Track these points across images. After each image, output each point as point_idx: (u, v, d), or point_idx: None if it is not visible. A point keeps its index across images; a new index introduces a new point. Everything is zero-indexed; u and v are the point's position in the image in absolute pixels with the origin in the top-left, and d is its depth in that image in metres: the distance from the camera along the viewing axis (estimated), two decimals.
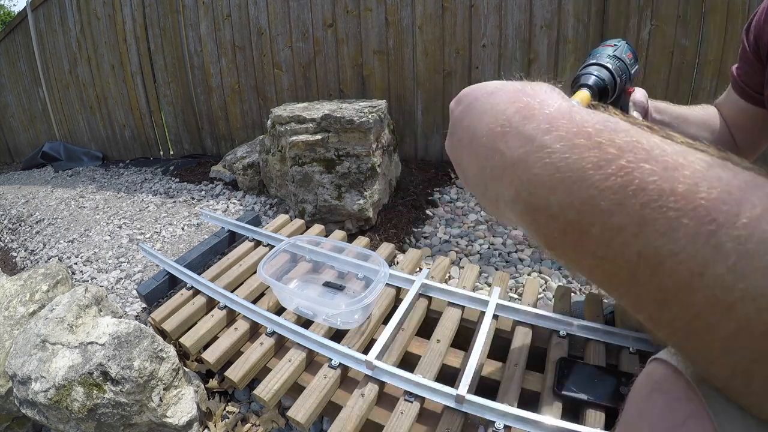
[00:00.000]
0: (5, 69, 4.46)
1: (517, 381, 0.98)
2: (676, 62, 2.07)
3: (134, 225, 2.38)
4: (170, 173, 3.16)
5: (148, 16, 3.20)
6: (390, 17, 2.49)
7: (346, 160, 1.91)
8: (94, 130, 3.96)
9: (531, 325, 1.13)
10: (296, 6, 2.69)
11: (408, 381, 0.98)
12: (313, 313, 1.23)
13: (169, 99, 3.40)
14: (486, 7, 2.28)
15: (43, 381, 1.01)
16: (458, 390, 0.92)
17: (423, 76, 2.52)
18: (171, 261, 1.54)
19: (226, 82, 3.11)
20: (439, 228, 1.98)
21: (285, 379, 1.05)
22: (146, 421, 1.03)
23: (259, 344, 1.16)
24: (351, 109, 1.96)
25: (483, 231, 1.93)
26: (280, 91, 2.95)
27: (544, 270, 1.66)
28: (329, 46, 2.70)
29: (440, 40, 2.42)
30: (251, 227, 1.67)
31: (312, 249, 1.45)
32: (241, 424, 1.15)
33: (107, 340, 1.04)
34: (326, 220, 1.97)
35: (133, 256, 2.04)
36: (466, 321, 1.20)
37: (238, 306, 1.28)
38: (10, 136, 4.95)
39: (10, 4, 12.94)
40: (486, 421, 0.90)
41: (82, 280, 1.93)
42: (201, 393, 1.17)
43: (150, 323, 1.35)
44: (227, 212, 2.35)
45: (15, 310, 1.22)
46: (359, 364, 1.04)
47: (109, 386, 0.99)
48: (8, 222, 2.84)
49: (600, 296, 1.24)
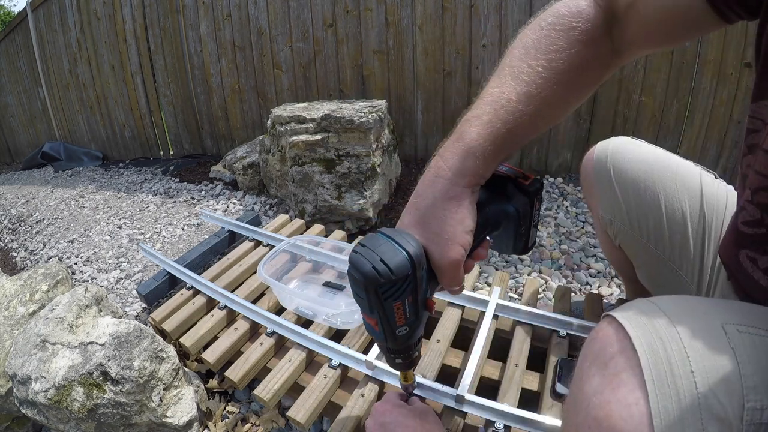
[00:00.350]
0: (5, 69, 4.46)
1: (517, 381, 0.98)
2: (676, 62, 2.07)
3: (134, 225, 2.39)
4: (170, 173, 3.16)
5: (148, 16, 3.20)
6: (390, 17, 2.49)
7: (346, 160, 1.91)
8: (94, 130, 3.96)
9: (531, 325, 1.13)
10: (296, 6, 2.69)
11: None
12: (313, 313, 1.23)
13: (169, 99, 3.40)
14: (486, 7, 2.28)
15: (43, 381, 1.01)
16: (458, 390, 0.92)
17: (423, 76, 2.52)
18: (171, 261, 1.54)
19: (226, 82, 3.11)
20: None
21: (285, 379, 1.05)
22: (146, 421, 1.03)
23: (259, 344, 1.16)
24: (351, 109, 1.96)
25: None
26: (280, 91, 2.95)
27: (544, 270, 1.66)
28: (329, 46, 2.70)
29: (440, 40, 2.42)
30: (251, 227, 1.67)
31: (312, 249, 1.45)
32: (241, 424, 1.15)
33: (107, 340, 1.04)
34: (326, 220, 1.97)
35: (133, 256, 2.04)
36: (466, 321, 1.20)
37: (238, 306, 1.28)
38: (10, 136, 4.95)
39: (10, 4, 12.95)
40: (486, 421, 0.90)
41: (82, 280, 1.93)
42: (201, 393, 1.17)
43: (150, 323, 1.35)
44: (227, 212, 2.35)
45: (15, 310, 1.22)
46: (359, 364, 1.04)
47: (109, 386, 0.99)
48: (8, 222, 2.84)
49: (600, 296, 1.24)
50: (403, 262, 0.47)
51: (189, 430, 1.07)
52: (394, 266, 0.47)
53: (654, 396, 0.35)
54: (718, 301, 0.44)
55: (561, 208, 2.09)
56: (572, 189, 2.26)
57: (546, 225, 1.97)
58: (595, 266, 1.67)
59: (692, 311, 0.40)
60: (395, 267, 0.47)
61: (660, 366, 0.36)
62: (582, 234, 1.89)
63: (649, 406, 0.34)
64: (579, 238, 1.87)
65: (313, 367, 1.12)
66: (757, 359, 0.35)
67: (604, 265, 1.67)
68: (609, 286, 1.57)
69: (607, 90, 2.22)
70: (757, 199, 0.48)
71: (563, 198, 2.19)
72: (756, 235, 0.50)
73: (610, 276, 1.62)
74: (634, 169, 0.82)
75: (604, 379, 0.38)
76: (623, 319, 0.40)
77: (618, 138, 0.88)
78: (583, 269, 1.67)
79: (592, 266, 1.67)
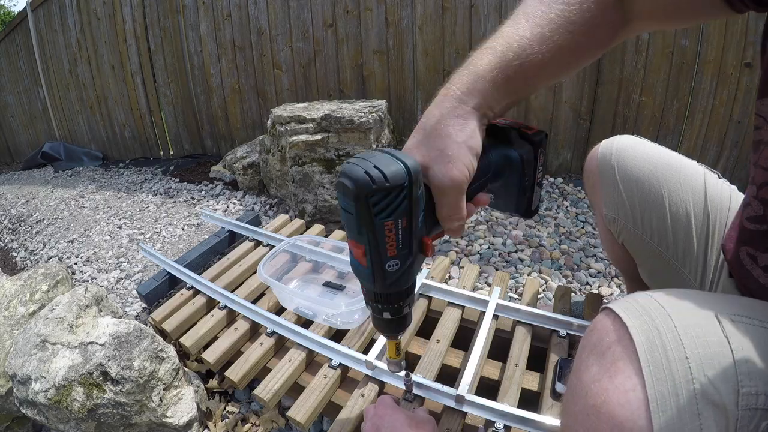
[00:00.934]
0: (5, 69, 4.46)
1: (517, 381, 0.98)
2: (676, 62, 2.07)
3: (134, 225, 2.39)
4: (170, 173, 3.16)
5: (148, 16, 3.20)
6: (390, 17, 2.49)
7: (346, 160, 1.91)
8: (94, 130, 3.96)
9: (531, 325, 1.13)
10: (296, 6, 2.69)
11: None
12: (313, 313, 1.23)
13: (169, 99, 3.40)
14: (486, 7, 2.28)
15: (43, 381, 1.01)
16: (458, 390, 0.92)
17: (423, 76, 2.52)
18: (171, 261, 1.54)
19: (226, 82, 3.11)
20: None
21: (285, 379, 1.05)
22: (146, 421, 1.03)
23: (259, 344, 1.16)
24: (351, 109, 1.96)
25: (483, 231, 1.93)
26: (280, 91, 2.95)
27: (544, 270, 1.67)
28: (329, 46, 2.70)
29: (440, 40, 2.42)
30: (251, 227, 1.67)
31: (312, 249, 1.44)
32: (241, 424, 1.15)
33: (107, 340, 1.04)
34: (326, 220, 1.97)
35: (133, 256, 2.04)
36: (466, 321, 1.20)
37: (238, 306, 1.28)
38: (10, 136, 4.95)
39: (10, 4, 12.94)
40: (486, 421, 0.90)
41: (82, 280, 1.93)
42: (201, 393, 1.17)
43: (150, 323, 1.35)
44: (227, 212, 2.35)
45: (15, 310, 1.22)
46: (359, 364, 1.04)
47: (109, 386, 0.99)
48: (8, 222, 2.85)
49: (600, 296, 1.24)
50: (398, 170, 0.44)
51: (189, 430, 1.07)
52: (389, 173, 0.43)
53: (650, 381, 0.35)
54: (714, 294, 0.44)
55: (561, 208, 2.09)
56: (572, 189, 2.26)
57: (546, 225, 1.97)
58: (595, 266, 1.67)
59: (687, 303, 0.40)
60: (390, 174, 0.43)
61: (656, 353, 0.36)
62: (582, 234, 1.89)
63: (646, 392, 0.35)
64: (579, 238, 1.87)
65: (313, 367, 1.12)
66: (751, 347, 0.36)
67: (604, 265, 1.67)
68: (609, 286, 1.57)
69: (607, 90, 2.22)
70: (761, 194, 0.49)
71: (563, 198, 2.19)
72: (758, 232, 0.51)
73: (610, 276, 1.63)
74: (639, 166, 0.82)
75: (601, 368, 0.38)
76: (620, 310, 0.41)
77: (622, 136, 0.89)
78: (583, 269, 1.67)
79: (592, 266, 1.67)
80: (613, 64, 2.18)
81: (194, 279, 1.42)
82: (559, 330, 1.10)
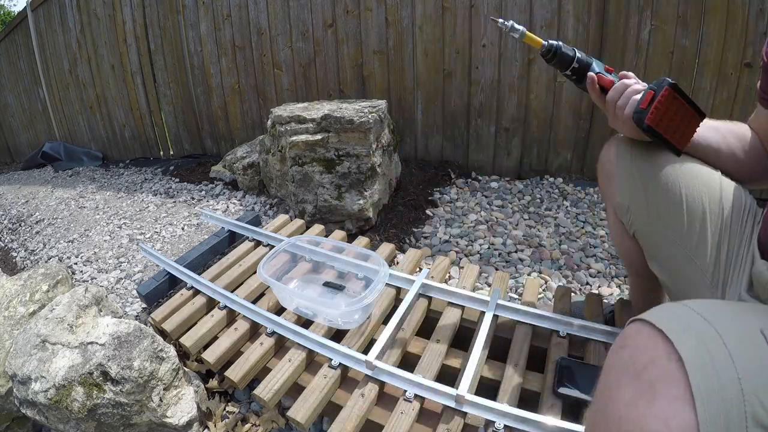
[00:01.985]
0: (5, 69, 4.46)
1: (517, 381, 0.98)
2: (676, 62, 2.07)
3: (134, 225, 2.39)
4: (170, 173, 3.16)
5: (148, 16, 3.20)
6: (390, 17, 2.49)
7: (346, 160, 1.91)
8: (94, 130, 3.96)
9: (531, 325, 1.13)
10: (296, 6, 2.69)
11: (408, 381, 0.98)
12: (313, 313, 1.23)
13: (169, 99, 3.40)
14: (486, 7, 2.27)
15: (43, 381, 1.01)
16: (458, 390, 0.92)
17: (423, 76, 2.52)
18: (171, 261, 1.54)
19: (226, 82, 3.11)
20: (439, 228, 1.98)
21: (285, 379, 1.05)
22: (146, 421, 1.03)
23: (259, 344, 1.16)
24: (351, 109, 1.96)
25: (483, 231, 1.93)
26: (280, 91, 2.95)
27: (544, 270, 1.67)
28: (329, 46, 2.70)
29: (440, 40, 2.42)
30: (251, 227, 1.67)
31: (312, 249, 1.45)
32: (241, 424, 1.15)
33: (107, 340, 1.04)
34: (326, 220, 1.97)
35: (133, 256, 2.04)
36: (466, 321, 1.20)
37: (238, 306, 1.28)
38: (10, 136, 4.95)
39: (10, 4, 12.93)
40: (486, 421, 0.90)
41: (82, 280, 1.93)
42: (201, 393, 1.17)
43: (150, 323, 1.35)
44: (227, 212, 2.35)
45: (15, 310, 1.22)
46: (359, 364, 1.04)
47: (109, 386, 0.99)
48: (8, 222, 2.85)
49: (600, 296, 1.24)
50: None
51: (189, 430, 1.07)
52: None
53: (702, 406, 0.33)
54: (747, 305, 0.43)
55: (561, 208, 2.09)
56: (572, 189, 2.26)
57: (546, 225, 1.97)
58: (595, 266, 1.67)
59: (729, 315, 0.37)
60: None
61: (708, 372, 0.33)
62: (582, 234, 1.89)
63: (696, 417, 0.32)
64: (579, 238, 1.87)
65: (313, 367, 1.12)
66: None
67: (604, 265, 1.68)
68: (609, 286, 1.57)
69: None
70: None
71: (563, 198, 2.19)
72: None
73: (610, 276, 1.63)
74: (656, 155, 0.84)
75: (637, 391, 0.36)
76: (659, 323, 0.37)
77: None
78: (583, 269, 1.67)
79: (592, 266, 1.67)
80: (613, 63, 2.17)
81: (194, 279, 1.42)
82: (559, 330, 1.10)
